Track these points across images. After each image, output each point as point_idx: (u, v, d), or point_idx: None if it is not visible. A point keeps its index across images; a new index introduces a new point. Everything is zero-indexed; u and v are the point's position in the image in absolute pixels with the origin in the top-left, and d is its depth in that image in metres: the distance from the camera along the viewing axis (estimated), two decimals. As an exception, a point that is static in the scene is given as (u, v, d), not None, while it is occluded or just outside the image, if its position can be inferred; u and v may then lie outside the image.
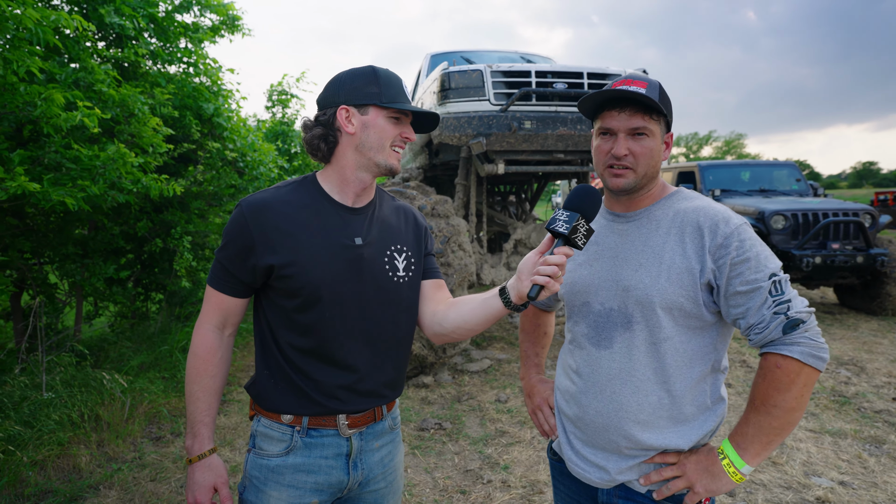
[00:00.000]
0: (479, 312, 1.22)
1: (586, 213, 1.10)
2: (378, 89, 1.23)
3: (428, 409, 3.95)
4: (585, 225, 1.09)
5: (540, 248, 1.12)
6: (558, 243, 1.09)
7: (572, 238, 1.07)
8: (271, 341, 1.27)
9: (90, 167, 3.06)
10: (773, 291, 1.09)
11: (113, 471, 3.02)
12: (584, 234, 1.09)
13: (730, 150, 59.72)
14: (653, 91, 1.17)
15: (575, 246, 1.09)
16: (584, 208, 1.10)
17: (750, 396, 1.14)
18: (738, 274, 1.11)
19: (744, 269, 1.10)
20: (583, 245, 1.09)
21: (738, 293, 1.11)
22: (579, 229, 1.08)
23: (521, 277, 1.11)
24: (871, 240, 6.21)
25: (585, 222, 1.09)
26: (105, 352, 4.56)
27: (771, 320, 1.09)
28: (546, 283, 1.05)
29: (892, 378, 4.43)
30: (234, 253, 1.23)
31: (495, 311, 1.19)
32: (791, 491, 2.79)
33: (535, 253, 1.12)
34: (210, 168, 5.05)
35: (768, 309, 1.09)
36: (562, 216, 1.09)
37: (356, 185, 1.29)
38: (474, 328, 1.26)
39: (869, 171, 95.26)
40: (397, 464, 1.40)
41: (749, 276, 1.10)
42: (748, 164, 8.32)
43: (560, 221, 1.08)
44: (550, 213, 29.60)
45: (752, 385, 1.14)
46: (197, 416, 1.26)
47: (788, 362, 1.07)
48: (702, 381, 1.19)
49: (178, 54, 4.41)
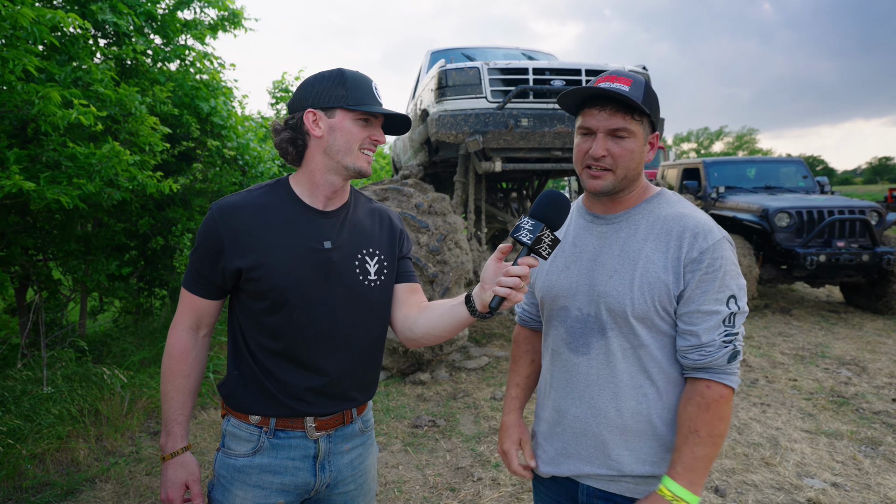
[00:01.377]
0: (446, 319, 1.23)
1: (552, 222, 1.08)
2: (345, 92, 1.23)
3: (423, 406, 3.97)
4: (550, 235, 1.07)
5: (497, 254, 1.10)
6: (522, 253, 1.07)
7: (536, 248, 1.06)
8: (242, 342, 1.29)
9: (86, 165, 3.10)
10: (727, 322, 1.11)
11: (110, 464, 3.08)
12: (548, 244, 1.07)
13: (741, 145, 58.98)
14: (637, 89, 1.11)
15: (539, 255, 1.07)
16: (550, 217, 1.08)
17: (689, 427, 1.10)
18: (704, 292, 1.10)
19: (709, 288, 1.10)
20: (547, 255, 1.08)
21: (698, 312, 1.11)
22: (543, 239, 1.06)
23: (484, 286, 1.11)
24: (877, 238, 6.12)
25: (550, 232, 1.07)
26: (108, 347, 4.63)
27: (720, 347, 1.10)
28: (507, 294, 1.04)
29: (893, 378, 4.38)
30: (205, 255, 1.25)
31: (461, 318, 1.19)
32: (782, 492, 2.77)
33: (493, 260, 1.11)
34: (211, 166, 5.09)
35: (719, 335, 1.10)
36: (526, 225, 1.07)
37: (326, 189, 1.29)
38: (442, 334, 1.27)
39: (885, 167, 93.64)
40: (369, 466, 1.41)
41: (712, 295, 1.10)
42: (754, 160, 8.23)
43: (524, 231, 1.06)
44: None
45: (690, 417, 1.11)
46: (171, 414, 1.28)
47: (729, 392, 1.11)
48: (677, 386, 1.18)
49: (178, 51, 4.44)
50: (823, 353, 5.04)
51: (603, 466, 1.19)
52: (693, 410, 1.11)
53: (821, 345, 5.32)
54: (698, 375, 1.12)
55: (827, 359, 4.91)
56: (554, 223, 1.08)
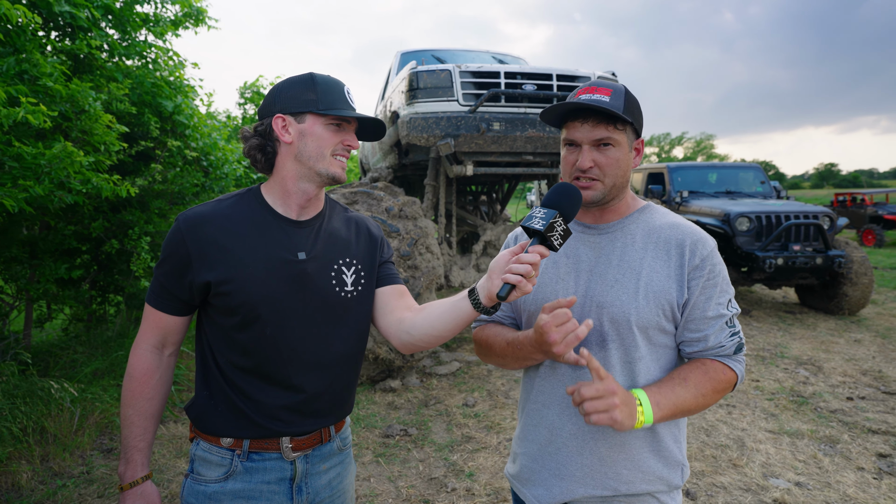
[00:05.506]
0: (448, 317, 1.16)
1: (565, 211, 1.05)
2: (315, 96, 1.18)
3: (394, 414, 3.89)
4: (563, 224, 1.03)
5: (513, 248, 1.06)
6: (533, 242, 1.03)
7: (548, 237, 1.01)
8: (211, 360, 1.20)
9: (33, 166, 2.89)
10: (729, 323, 1.16)
11: (57, 487, 2.87)
12: (560, 233, 1.03)
13: (700, 150, 61.23)
14: (617, 98, 1.12)
15: (551, 247, 1.03)
16: (563, 207, 1.05)
17: (681, 375, 1.14)
18: (708, 298, 1.13)
19: (713, 294, 1.14)
20: (559, 246, 1.03)
21: (705, 318, 1.14)
22: (556, 228, 1.02)
23: (493, 276, 1.05)
24: (829, 241, 6.41)
25: (563, 221, 1.03)
26: (55, 358, 4.35)
27: (729, 343, 1.16)
28: (518, 281, 0.99)
29: (846, 377, 4.57)
30: (171, 269, 1.16)
31: (465, 314, 1.13)
32: (750, 493, 2.83)
33: (508, 252, 1.06)
34: (171, 167, 4.87)
35: (725, 336, 1.16)
36: (539, 213, 1.04)
37: (299, 197, 1.22)
38: (443, 334, 1.19)
39: (830, 173, 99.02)
40: (347, 486, 1.34)
41: (715, 300, 1.14)
42: (715, 166, 8.50)
43: (536, 218, 1.03)
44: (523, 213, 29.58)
45: (687, 368, 1.15)
46: (131, 440, 1.19)
47: (732, 374, 1.17)
48: None
49: (136, 47, 4.22)
50: (782, 354, 5.23)
51: (598, 487, 1.16)
52: (691, 367, 1.15)
53: (779, 345, 5.51)
54: (708, 355, 1.17)
55: (786, 359, 5.09)
56: (567, 213, 1.05)
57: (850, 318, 6.59)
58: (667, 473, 1.17)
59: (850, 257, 6.44)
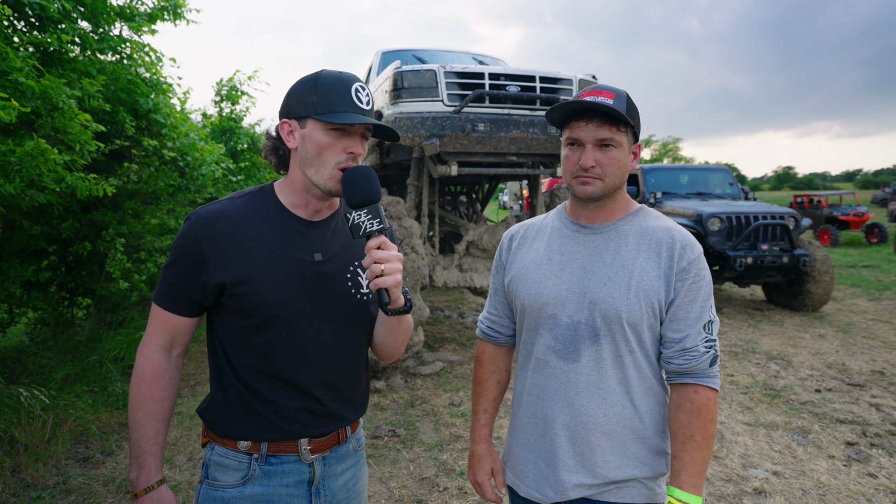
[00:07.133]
0: (381, 327, 1.27)
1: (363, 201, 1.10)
2: (316, 98, 1.11)
3: (381, 415, 3.87)
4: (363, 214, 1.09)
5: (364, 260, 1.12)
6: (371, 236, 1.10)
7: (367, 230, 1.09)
8: (225, 362, 1.18)
9: (3, 164, 2.76)
10: (706, 328, 1.19)
11: (31, 499, 2.75)
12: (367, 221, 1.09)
13: (666, 152, 62.87)
14: (620, 102, 1.17)
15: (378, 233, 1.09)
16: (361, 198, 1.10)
17: (685, 434, 1.17)
18: (692, 300, 1.18)
19: (697, 296, 1.18)
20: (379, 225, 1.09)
21: (686, 319, 1.18)
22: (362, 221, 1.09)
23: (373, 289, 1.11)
24: (794, 241, 6.69)
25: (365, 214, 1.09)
26: (22, 364, 4.16)
27: (704, 352, 1.18)
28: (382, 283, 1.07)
29: (814, 371, 4.78)
30: (183, 269, 1.13)
31: (383, 319, 1.24)
32: (731, 483, 2.93)
33: None
34: (146, 166, 4.71)
35: (702, 340, 1.18)
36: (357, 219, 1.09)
37: (309, 202, 1.22)
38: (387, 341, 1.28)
39: (788, 175, 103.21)
40: (361, 487, 1.34)
41: (699, 303, 1.18)
42: (686, 168, 8.75)
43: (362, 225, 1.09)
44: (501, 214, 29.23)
45: (684, 424, 1.17)
46: (143, 444, 1.15)
47: (714, 394, 1.19)
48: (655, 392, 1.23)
49: (111, 42, 4.07)
50: (753, 349, 5.42)
51: (590, 475, 1.21)
52: (685, 417, 1.17)
53: (750, 341, 5.72)
54: (684, 381, 1.19)
55: (757, 354, 5.28)
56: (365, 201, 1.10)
57: (814, 314, 6.88)
58: (652, 460, 1.22)
59: (814, 256, 6.73)
